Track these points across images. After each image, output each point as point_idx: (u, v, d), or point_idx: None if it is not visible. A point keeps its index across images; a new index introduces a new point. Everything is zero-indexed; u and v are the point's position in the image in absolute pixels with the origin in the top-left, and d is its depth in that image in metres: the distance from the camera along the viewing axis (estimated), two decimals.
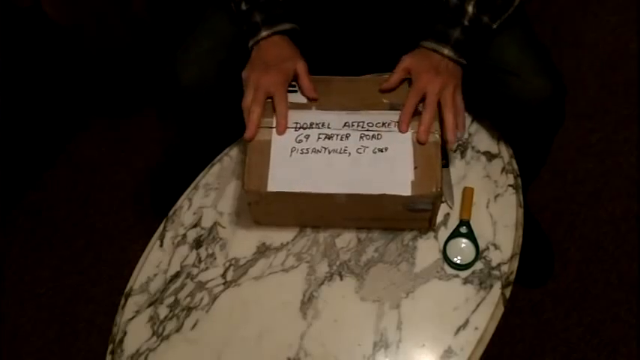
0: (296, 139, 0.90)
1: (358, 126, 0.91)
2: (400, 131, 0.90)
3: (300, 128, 0.91)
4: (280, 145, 0.90)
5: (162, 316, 0.91)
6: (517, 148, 1.03)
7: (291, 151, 0.89)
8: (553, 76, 0.96)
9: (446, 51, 0.92)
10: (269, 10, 0.96)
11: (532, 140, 1.06)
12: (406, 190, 0.85)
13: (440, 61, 0.92)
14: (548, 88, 0.95)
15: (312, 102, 0.94)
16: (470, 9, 0.92)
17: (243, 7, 0.96)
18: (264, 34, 0.95)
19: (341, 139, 0.90)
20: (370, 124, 0.91)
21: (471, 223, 0.93)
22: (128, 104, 1.76)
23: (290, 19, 0.97)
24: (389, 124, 0.91)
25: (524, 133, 1.02)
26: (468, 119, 1.05)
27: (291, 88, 0.95)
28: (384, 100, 0.93)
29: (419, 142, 0.89)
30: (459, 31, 0.92)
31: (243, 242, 0.96)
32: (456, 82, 0.92)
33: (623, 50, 1.73)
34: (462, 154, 1.01)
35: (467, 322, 0.86)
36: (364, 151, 0.89)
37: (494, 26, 0.93)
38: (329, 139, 0.90)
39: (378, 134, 0.90)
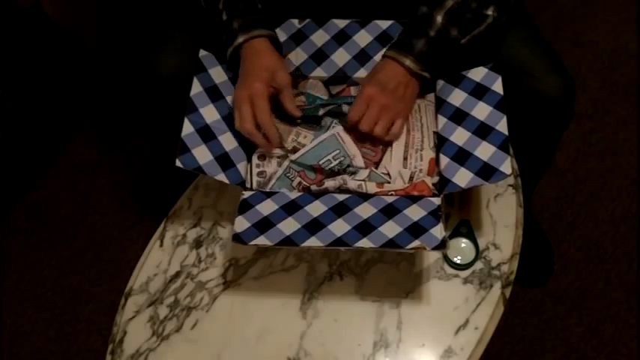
0: None
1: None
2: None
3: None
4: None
5: (162, 316, 0.91)
6: (524, 148, 1.03)
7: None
8: (564, 72, 0.97)
9: (407, 62, 0.89)
10: (246, 16, 0.94)
11: (541, 138, 1.06)
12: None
13: (394, 77, 0.89)
14: (562, 84, 0.95)
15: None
16: (439, 19, 0.88)
17: (224, 17, 0.94)
18: (240, 39, 0.92)
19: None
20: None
21: (471, 223, 0.93)
22: (127, 104, 1.75)
23: (267, 25, 0.95)
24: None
25: (534, 130, 1.01)
26: None
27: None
28: None
29: None
30: (422, 42, 0.88)
31: None
32: (396, 112, 0.89)
33: (623, 50, 1.73)
34: None
35: (467, 321, 0.86)
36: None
37: (463, 41, 0.90)
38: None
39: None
